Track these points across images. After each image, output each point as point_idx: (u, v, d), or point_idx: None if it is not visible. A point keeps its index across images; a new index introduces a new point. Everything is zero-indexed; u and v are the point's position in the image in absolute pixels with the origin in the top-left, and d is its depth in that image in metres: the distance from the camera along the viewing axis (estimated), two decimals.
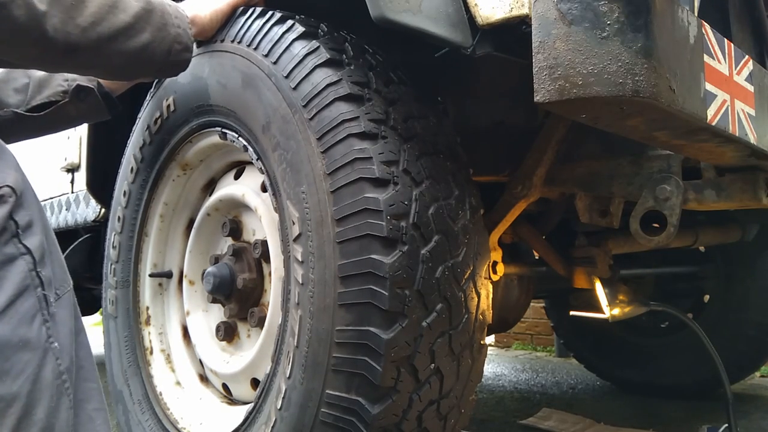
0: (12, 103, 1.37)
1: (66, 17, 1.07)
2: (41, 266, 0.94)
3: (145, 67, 1.26)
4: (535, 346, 4.42)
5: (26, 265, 0.92)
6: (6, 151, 0.96)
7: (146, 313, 1.69)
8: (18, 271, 0.91)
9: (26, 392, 0.89)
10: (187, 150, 1.56)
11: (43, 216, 0.98)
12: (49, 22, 1.04)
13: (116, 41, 1.16)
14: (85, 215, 2.32)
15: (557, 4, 0.82)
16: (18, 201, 0.93)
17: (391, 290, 1.07)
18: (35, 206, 0.97)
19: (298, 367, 1.15)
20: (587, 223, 1.56)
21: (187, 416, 1.54)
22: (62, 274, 1.00)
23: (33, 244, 0.94)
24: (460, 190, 1.22)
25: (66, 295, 0.99)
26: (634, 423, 2.29)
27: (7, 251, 0.91)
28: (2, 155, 0.95)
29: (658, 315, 2.64)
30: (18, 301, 0.90)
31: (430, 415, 1.17)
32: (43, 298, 0.94)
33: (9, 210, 0.91)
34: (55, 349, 0.94)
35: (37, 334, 0.92)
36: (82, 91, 1.41)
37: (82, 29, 1.10)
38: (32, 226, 0.95)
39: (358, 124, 1.12)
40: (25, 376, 0.89)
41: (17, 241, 0.92)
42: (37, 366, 0.91)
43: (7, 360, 0.88)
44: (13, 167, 0.95)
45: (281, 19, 1.26)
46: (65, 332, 0.97)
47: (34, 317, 0.92)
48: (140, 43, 1.19)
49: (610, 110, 0.85)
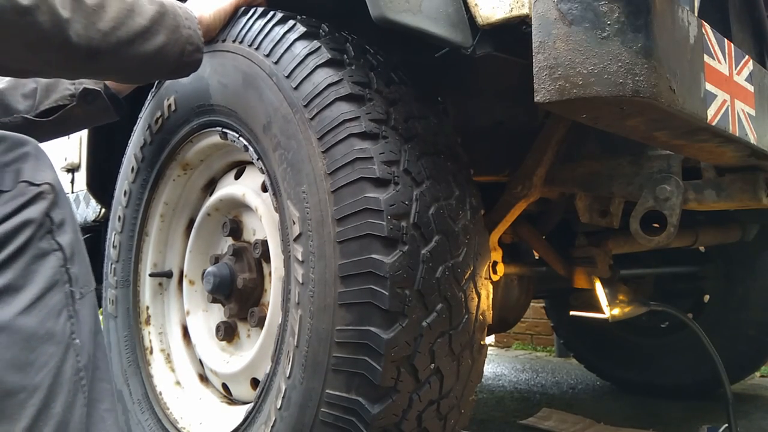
0: (21, 109, 1.39)
1: (88, 22, 1.09)
2: (71, 263, 0.98)
3: (159, 69, 1.28)
4: (535, 346, 4.42)
5: (57, 261, 0.96)
6: (42, 152, 1.00)
7: (146, 313, 1.69)
8: (50, 266, 0.95)
9: (47, 385, 0.91)
10: (187, 150, 1.56)
11: (74, 217, 1.02)
12: (72, 28, 1.07)
13: (134, 45, 1.17)
14: (85, 215, 2.32)
15: (557, 4, 0.82)
16: (55, 199, 0.97)
17: (392, 290, 1.07)
18: (68, 206, 1.01)
19: (298, 367, 1.15)
20: (587, 223, 1.56)
21: (187, 416, 1.54)
22: (87, 274, 1.03)
23: (65, 241, 0.98)
24: (461, 190, 1.22)
25: (89, 295, 1.02)
26: (634, 423, 2.29)
27: (42, 246, 0.94)
28: (41, 156, 0.99)
29: (658, 315, 2.64)
30: (48, 294, 0.94)
31: (430, 415, 1.17)
32: (70, 294, 0.97)
33: (47, 206, 0.96)
34: (76, 346, 0.96)
35: (62, 328, 0.95)
36: (89, 93, 1.43)
37: (103, 34, 1.12)
38: (65, 224, 0.98)
39: (359, 124, 1.12)
40: (47, 369, 0.91)
41: (51, 237, 0.96)
42: (60, 360, 0.93)
43: (32, 351, 0.90)
44: (51, 167, 1.00)
45: (282, 19, 1.26)
46: (86, 330, 0.99)
47: (61, 312, 0.95)
48: (156, 46, 1.21)
49: (610, 110, 0.85)
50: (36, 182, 0.96)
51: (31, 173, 0.96)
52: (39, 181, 0.96)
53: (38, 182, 0.96)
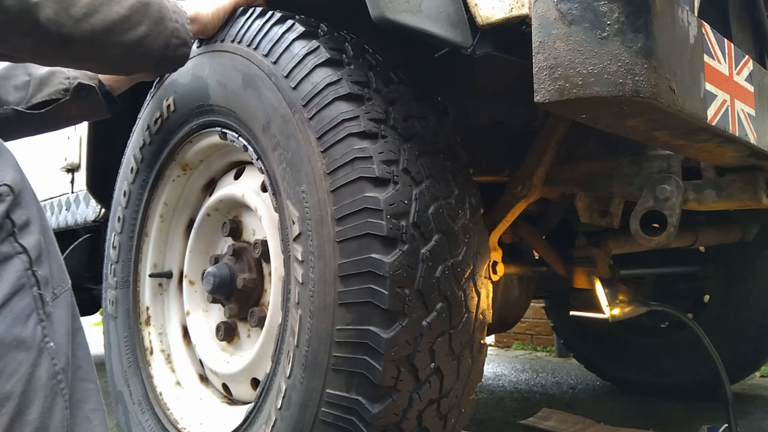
0: (12, 100, 1.36)
1: (59, 8, 1.07)
2: (37, 265, 0.94)
3: (142, 61, 1.26)
4: (535, 346, 4.42)
5: (22, 264, 0.92)
6: (5, 149, 0.96)
7: (146, 314, 1.69)
8: (13, 270, 0.91)
9: (19, 392, 0.88)
10: (187, 150, 1.56)
11: (42, 215, 0.98)
12: (41, 13, 1.04)
13: (111, 33, 1.15)
14: (85, 215, 2.32)
15: (557, 4, 0.82)
16: (15, 200, 0.93)
17: (391, 289, 1.07)
18: (33, 205, 0.97)
19: (298, 367, 1.15)
20: (587, 223, 1.56)
21: (187, 416, 1.54)
22: (60, 273, 1.00)
23: (29, 243, 0.94)
24: (460, 190, 1.22)
25: (63, 295, 0.99)
26: (634, 423, 2.29)
27: (3, 250, 0.91)
28: (1, 154, 0.95)
29: (658, 315, 2.64)
30: (13, 300, 0.90)
31: (430, 415, 1.17)
32: (39, 297, 0.94)
33: (6, 209, 0.91)
34: (50, 349, 0.93)
35: (31, 333, 0.91)
36: (83, 89, 1.41)
37: (75, 20, 1.09)
38: (29, 225, 0.95)
39: (358, 123, 1.12)
40: (18, 376, 0.89)
41: (13, 239, 0.92)
42: (31, 366, 0.90)
43: (0, 359, 0.88)
44: (12, 166, 0.95)
45: (281, 19, 1.26)
46: (62, 332, 0.97)
47: (29, 316, 0.92)
48: (136, 36, 1.19)
49: (610, 110, 0.85)
50: None
51: None
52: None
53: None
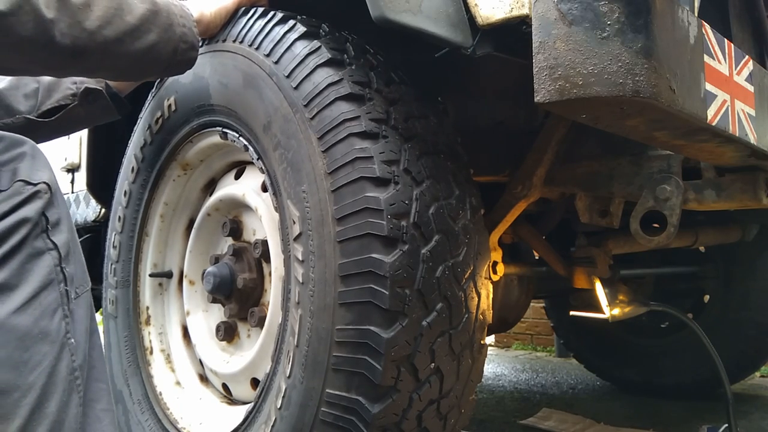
0: (23, 109, 1.40)
1: (73, 21, 1.09)
2: (66, 263, 0.98)
3: (151, 67, 1.28)
4: (535, 346, 4.42)
5: (52, 261, 0.96)
6: (39, 151, 1.00)
7: (146, 313, 1.69)
8: (45, 265, 0.95)
9: (41, 384, 0.91)
10: (187, 150, 1.56)
11: (69, 216, 1.02)
12: (56, 28, 1.07)
13: (123, 43, 1.17)
14: (85, 215, 2.32)
15: (557, 5, 0.82)
16: (51, 198, 0.98)
17: (392, 289, 1.07)
18: (64, 206, 1.01)
19: (298, 367, 1.15)
20: (587, 223, 1.56)
21: (187, 416, 1.54)
22: (83, 274, 1.04)
23: (60, 240, 0.98)
24: (461, 190, 1.22)
25: (84, 295, 1.02)
26: (634, 423, 2.29)
27: (37, 245, 0.95)
28: (38, 155, 0.99)
29: (658, 315, 2.64)
30: (42, 293, 0.94)
31: (430, 415, 1.17)
32: (65, 293, 0.97)
33: (43, 206, 0.96)
34: (71, 345, 0.96)
35: (57, 327, 0.95)
36: (90, 93, 1.43)
37: (89, 33, 1.12)
38: (60, 223, 0.99)
39: (359, 123, 1.12)
40: (41, 368, 0.91)
41: (46, 236, 0.96)
42: (54, 359, 0.93)
43: (26, 350, 0.91)
44: (47, 167, 1.00)
45: (283, 19, 1.26)
46: (81, 330, 0.99)
47: (56, 311, 0.95)
48: (146, 44, 1.21)
49: (611, 110, 0.85)
50: (32, 181, 0.96)
51: (28, 173, 0.96)
52: (35, 181, 0.96)
53: (34, 181, 0.96)
